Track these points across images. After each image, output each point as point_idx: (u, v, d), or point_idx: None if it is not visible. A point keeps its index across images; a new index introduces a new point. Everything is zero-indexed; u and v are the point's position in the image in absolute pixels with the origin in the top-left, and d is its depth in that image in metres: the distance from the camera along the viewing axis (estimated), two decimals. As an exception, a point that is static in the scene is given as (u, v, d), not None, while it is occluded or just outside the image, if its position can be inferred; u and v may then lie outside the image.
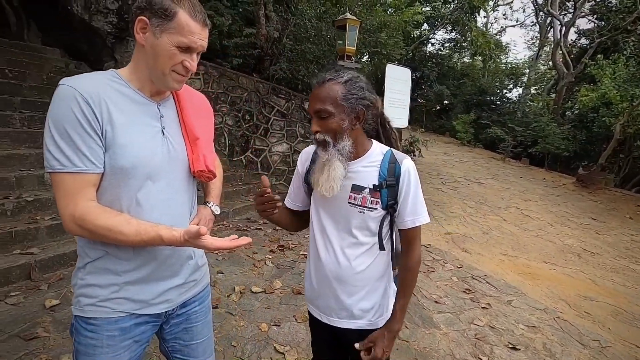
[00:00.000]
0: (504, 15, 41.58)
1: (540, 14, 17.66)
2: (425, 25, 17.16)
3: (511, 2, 20.28)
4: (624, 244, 5.62)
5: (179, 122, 1.05)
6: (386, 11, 10.32)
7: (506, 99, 17.48)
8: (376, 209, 1.15)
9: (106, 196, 0.90)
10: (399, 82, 6.13)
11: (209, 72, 5.81)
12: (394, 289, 1.30)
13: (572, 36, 15.91)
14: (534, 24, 21.40)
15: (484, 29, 19.04)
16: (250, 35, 6.73)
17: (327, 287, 1.23)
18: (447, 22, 16.66)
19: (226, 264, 3.35)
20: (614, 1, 13.08)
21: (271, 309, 2.72)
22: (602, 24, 13.56)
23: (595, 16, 14.23)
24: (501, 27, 30.83)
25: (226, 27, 6.27)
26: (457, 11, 15.22)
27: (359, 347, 1.15)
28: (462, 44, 18.01)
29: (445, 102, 17.99)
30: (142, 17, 0.88)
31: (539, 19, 18.29)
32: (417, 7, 12.74)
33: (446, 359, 2.40)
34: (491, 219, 6.09)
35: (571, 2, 15.08)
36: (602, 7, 13.59)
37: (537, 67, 19.80)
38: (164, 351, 1.15)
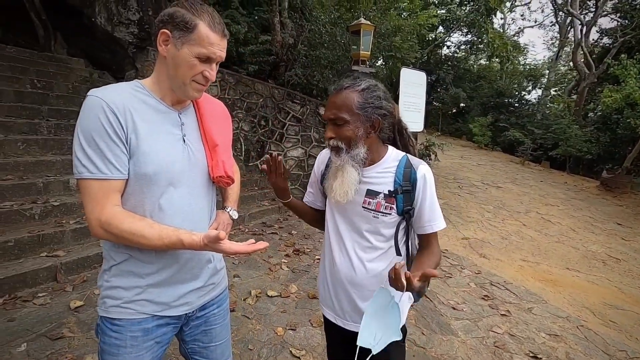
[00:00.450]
0: (521, 16, 40.99)
1: (559, 13, 17.28)
2: (440, 28, 17.02)
3: (529, 3, 19.93)
4: (652, 250, 5.39)
5: (198, 129, 1.08)
6: (400, 15, 10.27)
7: (525, 101, 17.12)
8: (390, 214, 1.15)
9: (130, 202, 0.94)
10: (414, 85, 6.11)
11: (226, 79, 5.93)
12: (408, 294, 1.29)
13: (594, 36, 15.52)
14: (553, 24, 20.98)
15: (501, 31, 18.72)
16: (265, 42, 6.83)
17: (341, 290, 1.23)
18: (462, 25, 16.47)
19: (242, 267, 3.39)
20: (638, -1, 12.72)
21: (287, 313, 2.73)
22: (626, 22, 13.15)
23: (618, 15, 13.83)
24: (519, 28, 30.38)
25: (242, 35, 6.38)
26: (473, 13, 14.99)
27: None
28: (479, 46, 17.76)
29: (461, 105, 17.76)
30: (165, 30, 0.92)
31: (559, 19, 17.90)
32: (432, 10, 12.63)
33: (464, 366, 2.36)
34: (510, 224, 5.94)
35: (592, 1, 14.71)
36: (626, 6, 13.19)
37: (557, 68, 19.34)
38: (183, 353, 1.18)
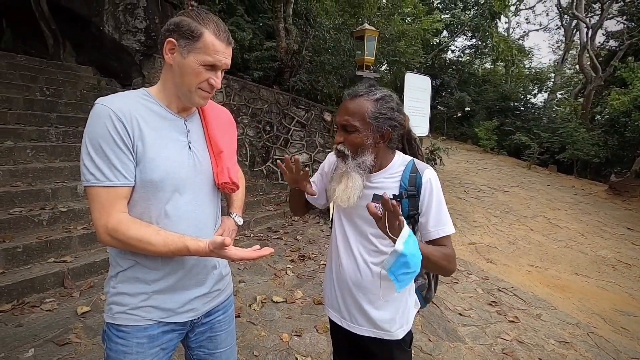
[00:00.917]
0: (526, 19, 40.95)
1: (564, 17, 17.21)
2: (444, 32, 17.04)
3: (534, 7, 19.91)
4: (663, 255, 5.29)
5: (204, 136, 1.09)
6: (404, 20, 10.31)
7: (531, 105, 17.02)
8: None
9: (137, 209, 0.95)
10: (418, 90, 6.10)
11: (231, 85, 5.98)
12: (415, 299, 1.29)
13: (600, 38, 15.43)
14: (558, 28, 20.89)
15: (506, 35, 18.70)
16: (270, 48, 6.90)
17: (347, 292, 1.24)
18: (467, 29, 16.48)
19: (247, 273, 3.39)
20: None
21: (292, 319, 2.72)
22: (632, 25, 13.06)
23: (624, 17, 13.74)
24: (524, 31, 30.31)
25: (247, 42, 6.46)
26: (477, 18, 15.03)
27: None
28: (483, 50, 17.75)
29: (466, 109, 17.69)
30: (171, 39, 0.93)
31: (564, 22, 17.81)
32: (436, 15, 12.66)
33: (472, 374, 2.33)
34: (517, 229, 5.88)
35: (598, 4, 14.63)
36: (632, 8, 13.11)
37: (563, 71, 19.20)
38: (188, 359, 1.18)
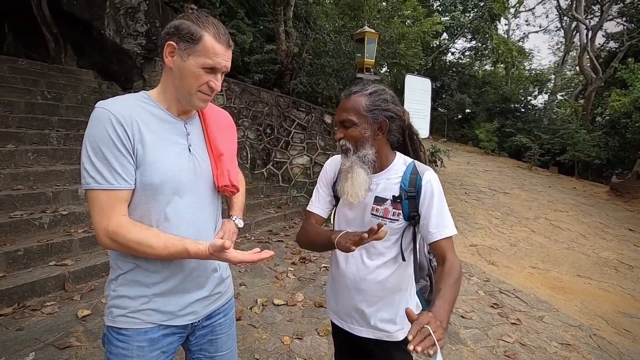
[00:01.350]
0: (526, 21, 41.02)
1: (564, 18, 17.25)
2: (444, 34, 17.07)
3: (533, 9, 19.96)
4: (666, 256, 5.27)
5: (204, 139, 1.09)
6: (404, 22, 10.33)
7: (531, 106, 16.99)
8: (398, 220, 1.16)
9: (137, 212, 0.95)
10: (418, 92, 6.11)
11: (231, 88, 6.00)
12: (416, 301, 1.29)
13: (600, 40, 15.45)
14: (558, 29, 20.93)
15: (505, 36, 18.73)
16: (270, 51, 6.91)
17: (347, 295, 1.24)
18: (467, 31, 16.51)
19: (248, 276, 3.39)
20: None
21: (293, 321, 2.71)
22: (632, 26, 13.08)
23: (624, 19, 13.77)
24: (523, 33, 30.34)
25: (247, 45, 6.48)
26: (477, 20, 15.05)
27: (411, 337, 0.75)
28: (483, 52, 17.76)
29: (467, 110, 17.70)
30: (171, 42, 0.94)
31: (564, 24, 17.86)
32: (435, 17, 12.69)
33: (474, 377, 2.32)
34: (518, 231, 5.87)
35: (597, 5, 14.66)
36: (632, 10, 13.14)
37: (563, 72, 19.24)
38: (189, 363, 1.18)
